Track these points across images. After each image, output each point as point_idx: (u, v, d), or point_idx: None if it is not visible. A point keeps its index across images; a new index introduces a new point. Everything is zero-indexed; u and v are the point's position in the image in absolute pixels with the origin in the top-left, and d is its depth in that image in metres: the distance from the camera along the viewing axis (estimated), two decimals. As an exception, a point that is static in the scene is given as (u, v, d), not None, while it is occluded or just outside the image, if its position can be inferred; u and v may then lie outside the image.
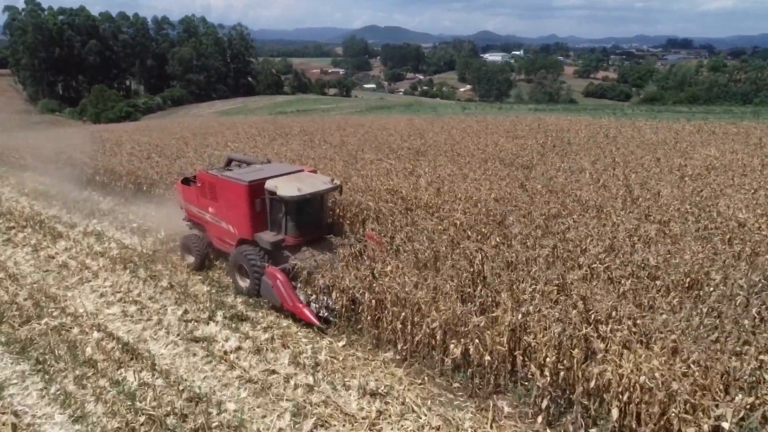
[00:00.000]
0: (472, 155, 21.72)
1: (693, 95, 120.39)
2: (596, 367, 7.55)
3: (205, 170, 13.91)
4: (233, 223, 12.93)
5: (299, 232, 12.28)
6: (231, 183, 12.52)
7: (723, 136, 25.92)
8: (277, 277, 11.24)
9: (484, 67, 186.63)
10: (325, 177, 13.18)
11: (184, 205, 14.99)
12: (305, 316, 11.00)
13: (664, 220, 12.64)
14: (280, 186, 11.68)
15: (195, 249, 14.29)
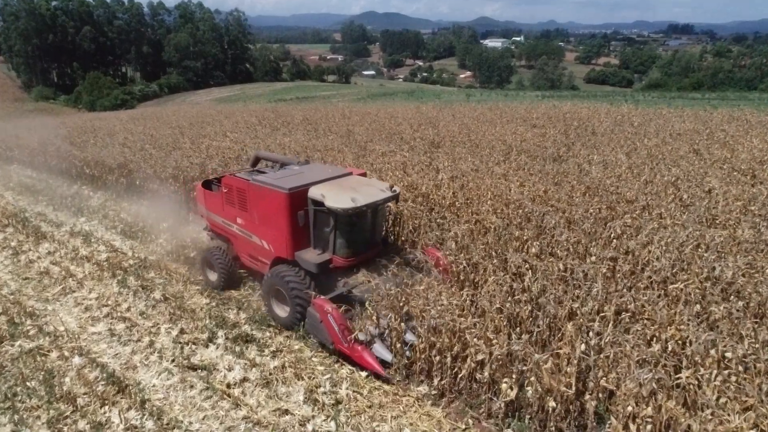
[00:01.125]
0: (492, 146, 20.04)
1: (698, 81, 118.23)
2: (700, 423, 5.97)
3: (233, 173, 11.69)
4: (268, 238, 10.58)
5: (351, 251, 9.98)
6: (266, 190, 10.10)
7: (758, 125, 24.21)
8: (327, 310, 8.90)
9: (484, 53, 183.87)
10: (381, 183, 10.70)
11: (206, 214, 12.57)
12: (366, 362, 8.69)
13: (730, 224, 11.04)
14: (329, 195, 9.39)
15: (219, 265, 11.88)
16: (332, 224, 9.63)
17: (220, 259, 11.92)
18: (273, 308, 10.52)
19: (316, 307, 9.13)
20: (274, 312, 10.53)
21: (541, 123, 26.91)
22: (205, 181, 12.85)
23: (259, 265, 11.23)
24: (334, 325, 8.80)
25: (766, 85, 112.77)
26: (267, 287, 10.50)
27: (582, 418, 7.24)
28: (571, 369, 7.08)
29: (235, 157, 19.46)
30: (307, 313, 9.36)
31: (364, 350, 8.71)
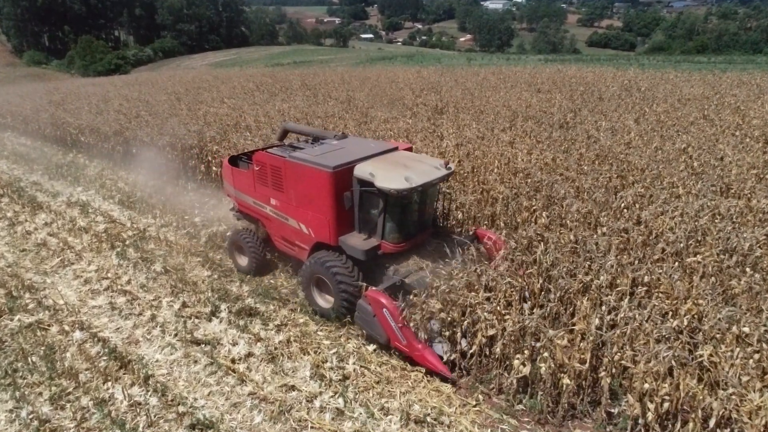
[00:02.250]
0: (497, 112, 19.53)
1: (702, 44, 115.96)
2: (720, 401, 5.81)
3: (265, 149, 10.59)
4: (308, 221, 9.65)
5: (402, 235, 9.06)
6: (306, 168, 9.14)
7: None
8: (382, 303, 8.05)
9: (485, 15, 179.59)
10: (433, 158, 9.72)
11: (234, 194, 11.59)
12: (428, 363, 7.92)
13: (745, 194, 10.75)
14: (380, 174, 8.40)
15: (250, 249, 11.10)
16: (382, 206, 8.71)
17: (251, 242, 11.12)
18: (314, 297, 9.76)
19: (369, 300, 8.29)
20: (314, 301, 9.77)
21: (546, 88, 26.28)
22: (231, 158, 11.82)
23: (296, 251, 10.35)
24: (391, 321, 8.01)
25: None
26: (307, 275, 9.65)
27: (595, 394, 7.12)
28: (586, 345, 6.90)
29: (233, 124, 18.98)
30: (358, 306, 8.59)
31: (425, 349, 7.93)
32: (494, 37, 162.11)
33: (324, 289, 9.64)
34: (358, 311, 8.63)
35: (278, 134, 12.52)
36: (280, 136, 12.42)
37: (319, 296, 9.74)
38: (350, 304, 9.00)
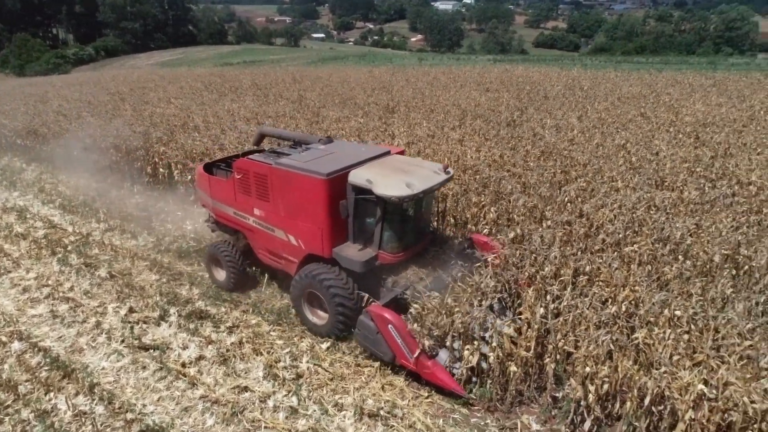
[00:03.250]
0: (447, 111, 19.88)
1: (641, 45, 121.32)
2: (654, 380, 6.16)
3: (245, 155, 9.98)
4: (297, 233, 9.00)
5: (400, 245, 8.55)
6: (296, 175, 8.48)
7: (700, 88, 25.02)
8: (387, 319, 7.57)
9: (435, 16, 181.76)
10: (430, 163, 9.22)
11: (211, 204, 10.79)
12: (439, 380, 7.45)
13: (678, 186, 11.36)
14: (378, 181, 7.88)
15: (228, 263, 10.39)
16: (379, 214, 8.20)
17: (229, 255, 10.41)
18: (305, 314, 9.16)
19: (374, 318, 7.73)
20: (306, 319, 9.18)
21: (495, 87, 26.91)
22: (206, 165, 11.09)
23: (283, 264, 9.67)
24: (397, 338, 7.53)
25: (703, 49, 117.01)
26: (298, 290, 9.03)
27: (541, 381, 7.40)
28: (531, 333, 7.16)
29: (181, 124, 18.55)
30: (359, 323, 8.01)
31: (436, 366, 7.48)
32: (445, 38, 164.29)
33: (317, 305, 9.04)
34: (359, 328, 8.04)
35: (254, 139, 11.80)
36: (256, 140, 11.71)
37: (311, 312, 9.13)
38: (347, 320, 8.49)
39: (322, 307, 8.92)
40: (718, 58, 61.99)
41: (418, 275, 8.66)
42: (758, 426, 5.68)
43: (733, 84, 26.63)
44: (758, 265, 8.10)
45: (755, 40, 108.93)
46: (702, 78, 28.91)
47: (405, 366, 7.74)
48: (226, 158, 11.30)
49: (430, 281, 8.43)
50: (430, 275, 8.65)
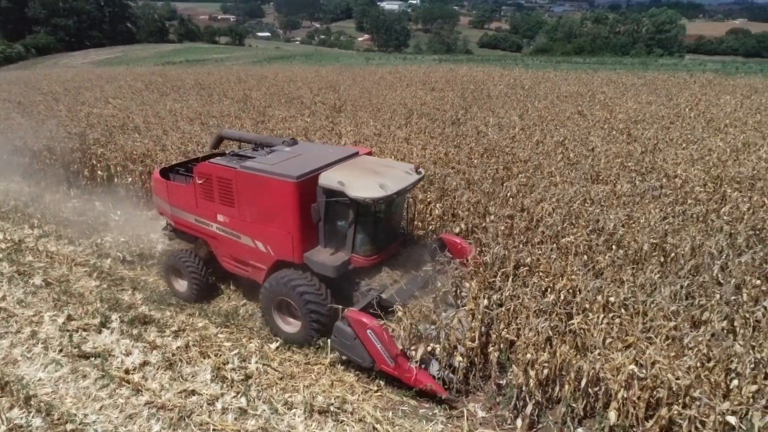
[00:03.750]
0: (394, 110, 20.11)
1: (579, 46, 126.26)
2: (589, 363, 6.51)
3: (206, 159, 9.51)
4: (266, 238, 8.72)
5: (374, 247, 8.43)
6: (264, 179, 8.21)
7: (632, 87, 26.33)
8: (366, 324, 7.36)
9: (381, 15, 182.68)
10: (401, 163, 9.13)
11: (170, 211, 10.32)
12: (422, 384, 7.28)
13: (611, 180, 11.98)
14: (351, 183, 7.73)
15: (191, 273, 9.96)
16: (352, 217, 8.05)
17: (191, 265, 9.95)
18: (277, 323, 8.90)
19: (351, 322, 7.53)
20: (277, 327, 8.91)
21: (440, 86, 27.41)
22: (163, 170, 10.61)
23: (249, 272, 9.37)
24: (377, 343, 7.34)
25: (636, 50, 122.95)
26: (268, 298, 8.77)
27: (486, 369, 7.66)
28: (476, 324, 7.40)
29: (120, 125, 17.93)
30: (336, 329, 7.77)
31: (418, 371, 7.33)
32: (392, 38, 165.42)
33: (288, 313, 8.81)
34: (335, 335, 7.81)
35: (212, 142, 11.31)
36: (213, 143, 11.24)
37: (283, 321, 8.87)
38: (321, 326, 8.32)
39: (294, 315, 8.70)
40: (650, 59, 65.35)
41: (392, 278, 8.44)
42: (682, 401, 6.11)
43: (662, 83, 28.19)
44: (683, 252, 8.67)
45: (683, 42, 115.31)
46: (634, 78, 30.45)
47: (386, 371, 7.55)
48: (184, 162, 10.79)
49: (404, 283, 8.32)
50: (405, 277, 8.51)
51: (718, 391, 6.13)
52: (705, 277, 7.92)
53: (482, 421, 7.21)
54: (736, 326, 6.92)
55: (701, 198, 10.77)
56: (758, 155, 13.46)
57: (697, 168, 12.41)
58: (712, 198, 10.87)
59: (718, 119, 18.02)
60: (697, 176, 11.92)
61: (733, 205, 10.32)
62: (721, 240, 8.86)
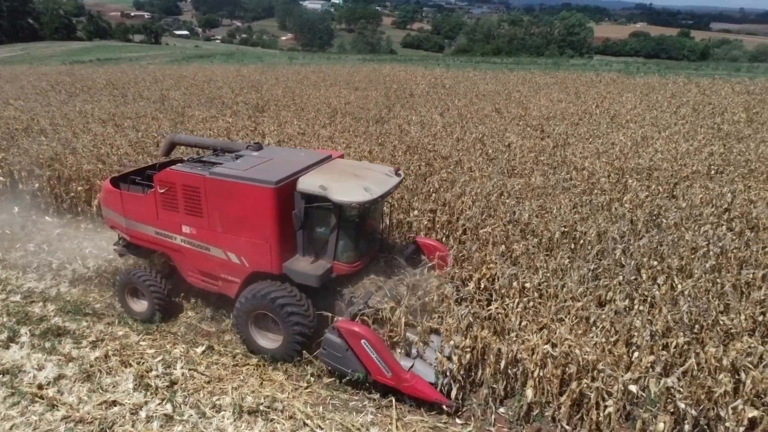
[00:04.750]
0: (318, 109, 20.13)
1: (497, 47, 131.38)
2: (507, 346, 6.92)
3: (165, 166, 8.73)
4: (239, 249, 8.14)
5: (356, 254, 8.05)
6: (237, 185, 7.69)
7: (545, 86, 27.79)
8: (359, 334, 7.04)
9: (304, 14, 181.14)
10: (379, 165, 8.84)
11: (125, 224, 9.41)
12: (420, 393, 7.05)
13: (526, 174, 12.66)
14: (334, 187, 7.39)
15: (152, 291, 9.18)
16: (334, 223, 7.70)
17: (151, 282, 9.17)
18: (254, 338, 8.32)
19: (342, 333, 7.19)
20: (255, 343, 8.34)
21: (364, 86, 27.66)
22: (114, 179, 9.68)
23: (220, 285, 8.74)
24: (372, 353, 7.03)
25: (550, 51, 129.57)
26: (243, 313, 8.15)
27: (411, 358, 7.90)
28: (399, 314, 7.63)
29: (23, 128, 16.76)
30: (325, 341, 7.44)
31: (414, 378, 7.07)
32: (315, 37, 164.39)
33: (266, 327, 8.30)
34: (325, 347, 7.46)
35: (163, 148, 10.43)
36: (165, 150, 10.36)
37: (260, 335, 8.34)
38: (304, 340, 7.97)
39: (272, 329, 8.24)
40: (562, 60, 69.12)
41: (375, 284, 8.17)
42: (590, 374, 6.64)
43: (572, 82, 29.96)
44: (590, 239, 9.37)
45: (591, 44, 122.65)
46: (547, 77, 32.16)
47: (381, 382, 7.25)
48: (138, 171, 9.89)
49: (388, 289, 8.06)
50: (388, 283, 8.23)
51: (621, 363, 6.71)
52: (609, 261, 8.60)
53: (411, 409, 7.45)
54: (636, 303, 7.58)
55: (606, 188, 11.65)
56: (655, 148, 14.70)
57: (602, 161, 13.38)
58: (615, 188, 11.79)
59: (621, 115, 19.45)
60: (602, 168, 12.87)
61: (633, 194, 11.23)
62: (623, 226, 9.64)
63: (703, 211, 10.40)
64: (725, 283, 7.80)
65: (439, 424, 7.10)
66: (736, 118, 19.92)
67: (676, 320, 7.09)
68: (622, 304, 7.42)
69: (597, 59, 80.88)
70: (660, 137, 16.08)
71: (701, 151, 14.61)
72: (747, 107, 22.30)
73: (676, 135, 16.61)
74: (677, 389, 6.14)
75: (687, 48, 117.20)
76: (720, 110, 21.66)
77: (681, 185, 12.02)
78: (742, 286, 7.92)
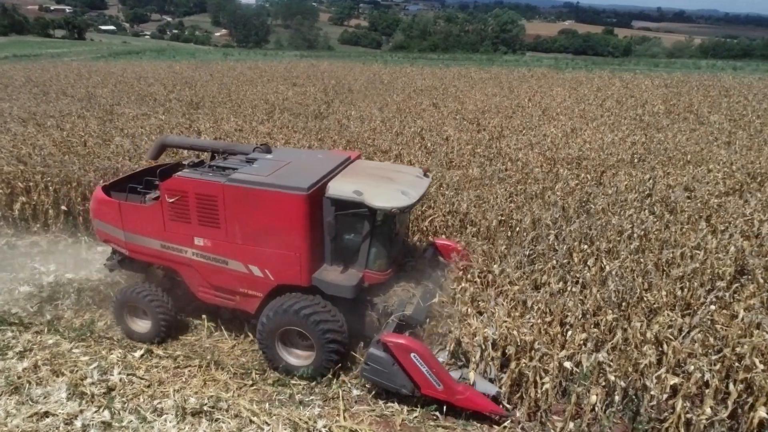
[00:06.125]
0: (255, 106, 19.80)
1: (434, 44, 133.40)
2: (450, 333, 7.12)
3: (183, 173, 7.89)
4: (264, 261, 7.58)
5: (387, 261, 7.65)
6: (264, 193, 7.15)
7: (480, 81, 28.54)
8: (409, 348, 6.64)
9: (238, 10, 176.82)
10: (405, 166, 8.44)
11: (123, 238, 8.58)
12: (475, 405, 6.73)
13: (463, 165, 12.99)
14: (370, 191, 7.00)
15: (157, 309, 8.51)
16: (368, 229, 7.29)
17: (156, 300, 8.52)
18: (281, 356, 7.81)
19: (391, 347, 6.74)
20: (282, 359, 7.82)
21: (302, 82, 27.44)
22: (106, 187, 8.85)
23: (237, 301, 8.16)
24: (422, 367, 6.65)
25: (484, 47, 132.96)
26: (269, 330, 7.63)
27: (358, 350, 8.00)
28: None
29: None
30: (369, 356, 6.98)
31: (468, 390, 6.71)
32: (251, 33, 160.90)
33: (294, 344, 7.85)
34: (368, 362, 7.01)
35: (151, 151, 9.55)
36: (154, 153, 9.50)
37: (288, 353, 7.86)
38: (339, 356, 7.59)
39: (300, 345, 7.84)
40: (496, 56, 71.15)
41: (408, 292, 7.85)
42: (528, 354, 6.94)
43: (506, 77, 30.91)
44: (525, 226, 9.75)
45: (523, 41, 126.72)
46: (482, 72, 33.04)
47: (432, 396, 6.90)
48: (128, 177, 9.21)
49: (420, 296, 7.76)
50: (419, 289, 7.94)
51: (556, 342, 7.05)
52: (543, 246, 9.00)
53: (357, 398, 7.53)
54: (569, 285, 7.98)
55: (539, 177, 12.15)
56: (583, 138, 15.44)
57: (535, 152, 13.93)
58: (548, 177, 12.31)
59: (552, 109, 20.29)
60: (535, 159, 13.40)
61: (564, 182, 11.77)
62: (555, 213, 10.10)
63: (628, 196, 11.04)
64: (648, 262, 8.34)
65: (386, 412, 7.23)
66: (655, 109, 21.24)
67: (605, 299, 7.52)
68: (556, 287, 7.79)
69: (529, 55, 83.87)
70: (588, 128, 16.90)
71: (625, 141, 15.50)
72: (665, 99, 23.83)
73: (602, 126, 17.52)
74: (607, 363, 6.51)
75: (611, 45, 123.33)
76: (641, 102, 23.03)
77: (607, 173, 12.71)
78: (663, 265, 8.48)
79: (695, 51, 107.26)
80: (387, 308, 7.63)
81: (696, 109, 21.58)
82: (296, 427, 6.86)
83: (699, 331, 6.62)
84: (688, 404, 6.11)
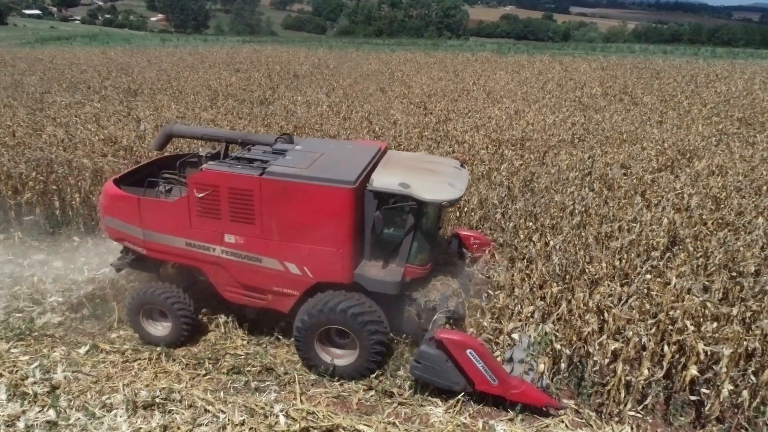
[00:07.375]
0: (197, 92, 19.21)
1: (379, 29, 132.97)
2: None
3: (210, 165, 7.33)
4: (303, 258, 7.19)
5: (428, 255, 7.45)
6: (306, 187, 6.75)
7: (426, 65, 28.74)
8: (464, 344, 6.48)
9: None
10: (445, 158, 8.16)
11: (141, 237, 7.92)
12: (532, 399, 6.61)
13: (411, 149, 13.10)
14: (417, 185, 6.72)
15: (179, 311, 7.96)
16: (412, 223, 7.03)
17: (178, 302, 7.96)
18: (321, 357, 7.46)
19: (447, 344, 6.53)
20: (319, 358, 7.47)
21: (245, 68, 26.81)
22: (116, 179, 8.23)
23: (268, 300, 7.75)
24: (478, 363, 6.50)
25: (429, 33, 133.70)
26: (309, 329, 7.26)
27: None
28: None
29: None
30: (420, 354, 6.74)
31: (523, 384, 6.59)
32: (189, 18, 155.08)
33: (334, 344, 7.57)
34: (419, 360, 6.77)
35: (156, 141, 9.05)
36: (160, 143, 8.99)
37: (327, 353, 7.54)
38: (382, 357, 7.38)
39: (338, 344, 7.56)
40: (440, 41, 71.70)
41: (448, 285, 7.69)
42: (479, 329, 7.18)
43: (450, 62, 31.28)
44: (473, 206, 10.00)
45: (467, 26, 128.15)
46: (427, 57, 33.25)
47: (486, 392, 6.78)
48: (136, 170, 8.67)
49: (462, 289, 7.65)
50: (457, 282, 7.80)
51: (505, 313, 7.31)
52: (491, 224, 9.25)
53: (314, 382, 7.56)
54: (516, 261, 8.26)
55: (485, 159, 12.42)
56: (526, 120, 15.88)
57: (480, 134, 14.21)
58: (493, 158, 12.61)
59: (495, 92, 20.72)
60: (481, 141, 13.68)
61: (509, 163, 12.10)
62: (501, 192, 10.38)
63: (569, 174, 11.48)
64: (589, 236, 8.73)
65: (342, 393, 7.30)
66: (593, 92, 22.07)
67: (550, 272, 7.83)
68: (504, 263, 8.04)
69: (472, 40, 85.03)
70: (530, 111, 17.38)
71: (566, 122, 16.05)
72: (602, 82, 24.78)
73: (544, 108, 18.06)
74: (554, 333, 6.82)
75: (551, 30, 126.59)
76: (580, 85, 23.87)
77: (550, 153, 13.15)
78: (603, 238, 8.91)
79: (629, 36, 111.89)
80: (428, 303, 7.44)
81: (630, 90, 22.57)
82: (253, 413, 6.81)
83: (636, 299, 7.02)
84: (628, 367, 6.49)
